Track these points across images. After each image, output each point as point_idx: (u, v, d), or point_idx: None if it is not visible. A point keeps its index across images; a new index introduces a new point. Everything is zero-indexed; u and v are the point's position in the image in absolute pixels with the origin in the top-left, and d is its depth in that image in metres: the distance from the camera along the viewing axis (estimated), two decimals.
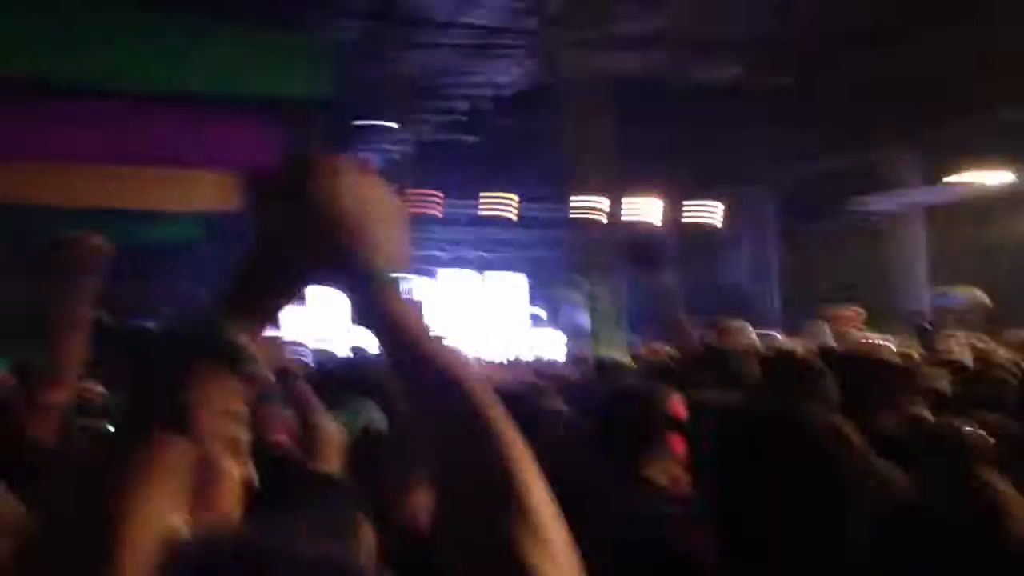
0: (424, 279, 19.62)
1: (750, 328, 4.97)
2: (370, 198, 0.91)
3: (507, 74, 11.87)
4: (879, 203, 13.68)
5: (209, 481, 1.26)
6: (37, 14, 7.61)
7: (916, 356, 4.96)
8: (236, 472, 1.32)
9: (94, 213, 12.09)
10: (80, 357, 2.07)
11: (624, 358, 6.63)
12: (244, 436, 1.39)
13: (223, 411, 0.89)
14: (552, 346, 16.83)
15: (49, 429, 1.97)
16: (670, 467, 2.24)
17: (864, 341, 5.61)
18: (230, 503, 1.30)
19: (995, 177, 12.00)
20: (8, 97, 8.47)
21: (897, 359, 4.11)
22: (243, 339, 0.87)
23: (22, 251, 13.27)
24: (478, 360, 12.62)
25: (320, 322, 15.71)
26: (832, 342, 5.78)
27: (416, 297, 17.55)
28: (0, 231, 12.75)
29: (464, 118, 12.37)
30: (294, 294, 0.92)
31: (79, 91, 8.56)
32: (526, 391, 4.01)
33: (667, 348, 4.82)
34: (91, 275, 2.07)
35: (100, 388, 3.40)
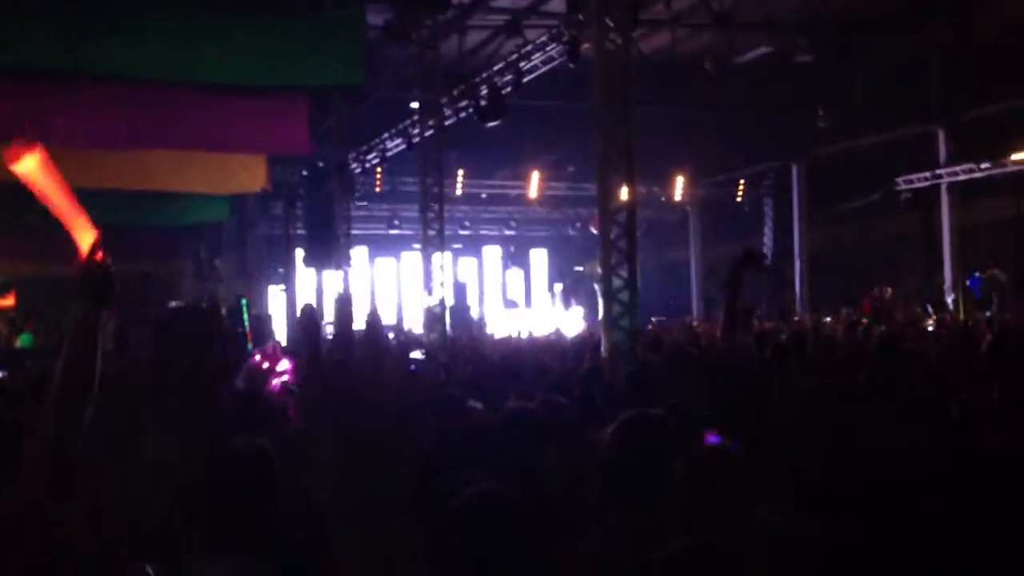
0: (467, 257, 19.92)
1: None
2: None
3: (532, 57, 11.79)
4: (910, 182, 13.58)
5: None
6: (78, 3, 7.59)
7: None
8: None
9: (132, 196, 12.16)
10: None
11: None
12: None
13: None
14: (572, 322, 16.90)
15: None
16: None
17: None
18: None
19: None
20: (47, 83, 8.47)
21: None
22: None
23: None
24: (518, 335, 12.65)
25: None
26: None
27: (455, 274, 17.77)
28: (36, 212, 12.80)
29: (487, 101, 12.28)
30: None
31: (116, 78, 8.56)
32: None
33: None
34: None
35: None
